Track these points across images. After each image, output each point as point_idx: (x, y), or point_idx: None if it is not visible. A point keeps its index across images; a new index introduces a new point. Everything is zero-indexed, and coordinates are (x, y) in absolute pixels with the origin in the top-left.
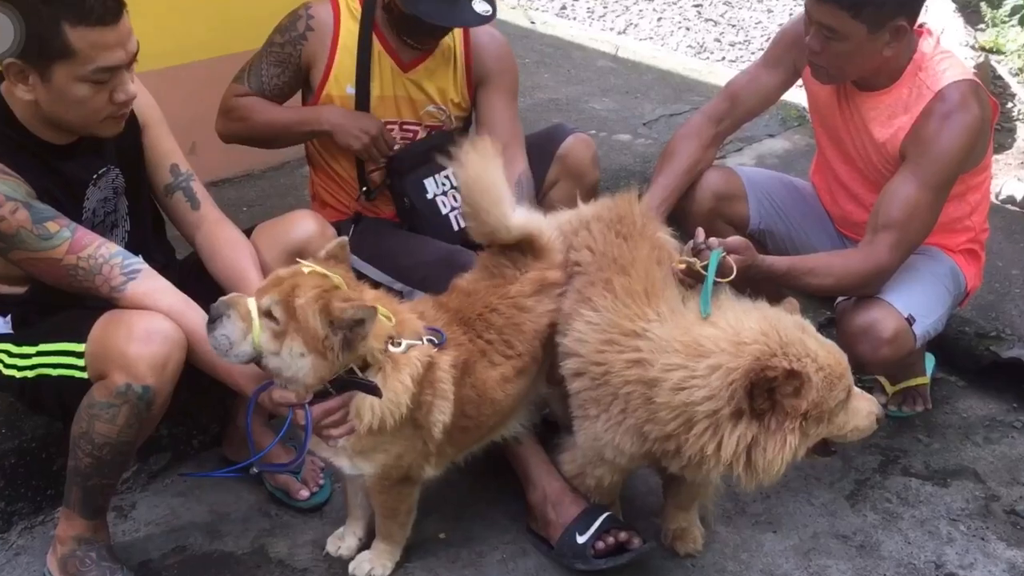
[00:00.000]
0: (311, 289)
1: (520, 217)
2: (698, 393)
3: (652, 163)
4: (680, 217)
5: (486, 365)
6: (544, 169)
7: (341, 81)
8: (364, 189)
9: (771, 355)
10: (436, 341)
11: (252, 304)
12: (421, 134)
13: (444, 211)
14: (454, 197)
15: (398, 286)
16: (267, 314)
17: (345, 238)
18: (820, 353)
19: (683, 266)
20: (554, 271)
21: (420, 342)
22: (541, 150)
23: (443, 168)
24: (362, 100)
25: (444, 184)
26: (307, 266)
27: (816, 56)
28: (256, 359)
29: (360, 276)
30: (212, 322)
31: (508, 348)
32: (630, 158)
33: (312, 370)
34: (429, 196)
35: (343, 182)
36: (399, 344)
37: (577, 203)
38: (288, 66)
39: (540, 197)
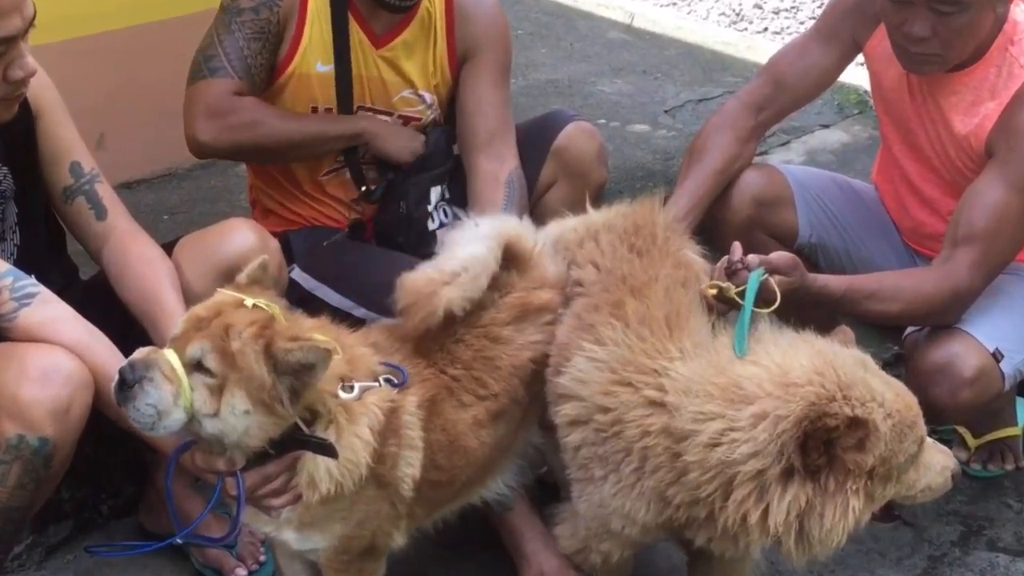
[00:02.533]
0: (247, 326)
1: (483, 237)
2: (740, 449)
3: (675, 160)
4: (711, 228)
5: (455, 405)
6: (537, 166)
7: (310, 57)
8: (364, 189)
9: (829, 399)
10: (396, 381)
11: (174, 358)
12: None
13: (432, 227)
14: (444, 211)
15: (360, 312)
16: (197, 367)
17: (266, 257)
18: (888, 396)
19: (714, 291)
20: (543, 292)
21: (377, 384)
22: (533, 142)
23: (447, 176)
24: (343, 79)
25: (443, 195)
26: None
27: (923, 44)
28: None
29: (312, 301)
30: (128, 389)
31: (480, 387)
32: (648, 154)
33: (259, 429)
34: (429, 207)
35: (294, 184)
36: (351, 389)
37: (579, 209)
38: (269, 38)
39: (533, 201)
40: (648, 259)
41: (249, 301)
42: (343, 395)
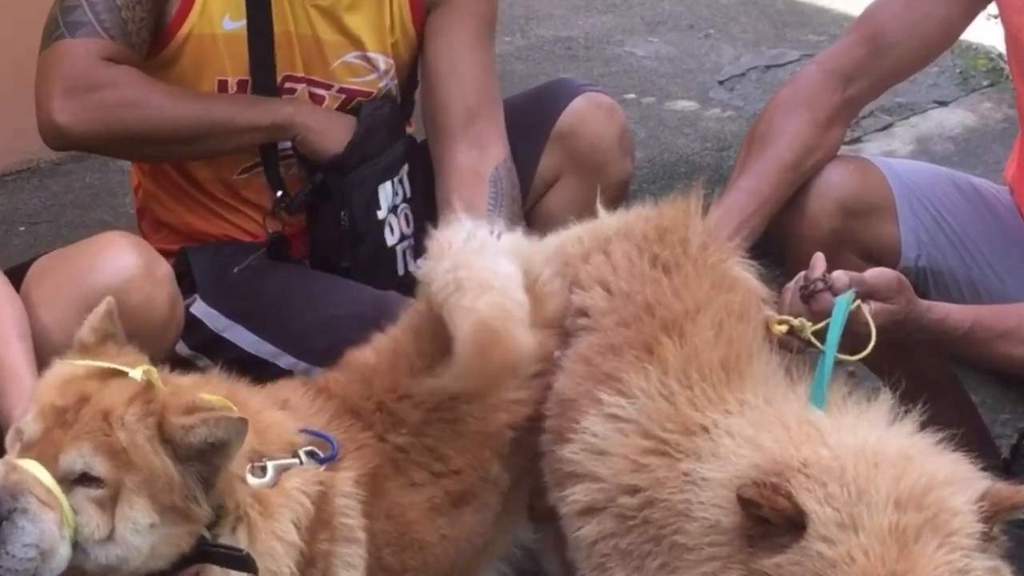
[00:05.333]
0: (127, 405)
1: (503, 253)
2: (727, 520)
3: (733, 152)
4: (780, 244)
5: (403, 484)
6: (534, 156)
7: (214, 9)
8: (281, 194)
9: (777, 468)
10: (322, 455)
11: (44, 474)
12: (329, 103)
13: (391, 241)
14: (406, 217)
15: (286, 361)
16: (81, 479)
17: (110, 299)
18: (873, 520)
19: (783, 328)
20: (541, 330)
21: (297, 461)
22: (529, 123)
23: (400, 167)
24: (260, 39)
25: (398, 194)
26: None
27: None
28: None
29: (220, 346)
30: None
31: (435, 460)
32: (694, 141)
33: (167, 545)
34: (381, 214)
35: (196, 185)
36: (263, 471)
37: (591, 214)
38: None
39: (529, 204)
40: (680, 277)
41: (138, 372)
42: (253, 481)
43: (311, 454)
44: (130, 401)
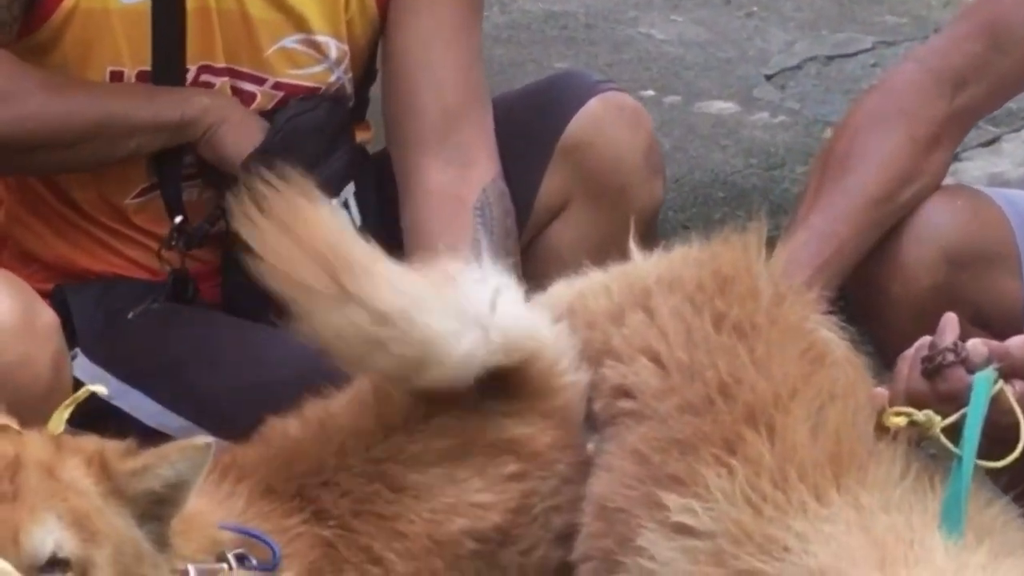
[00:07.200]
0: (63, 459)
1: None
2: None
3: (785, 171)
4: (862, 303)
5: None
6: (535, 176)
7: None
8: (180, 220)
9: None
10: (254, 560)
11: (6, 567)
12: (261, 102)
13: None
14: None
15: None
16: (51, 564)
17: None
18: None
19: (901, 420)
20: (526, 424)
21: (224, 567)
22: (528, 131)
23: (342, 185)
24: (166, 16)
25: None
26: None
27: None
28: None
29: (110, 416)
30: None
31: (371, 563)
32: (736, 155)
33: None
34: None
35: (75, 208)
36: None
37: (611, 253)
38: None
39: (527, 237)
40: (761, 344)
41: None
42: None
43: (241, 558)
44: (59, 453)
